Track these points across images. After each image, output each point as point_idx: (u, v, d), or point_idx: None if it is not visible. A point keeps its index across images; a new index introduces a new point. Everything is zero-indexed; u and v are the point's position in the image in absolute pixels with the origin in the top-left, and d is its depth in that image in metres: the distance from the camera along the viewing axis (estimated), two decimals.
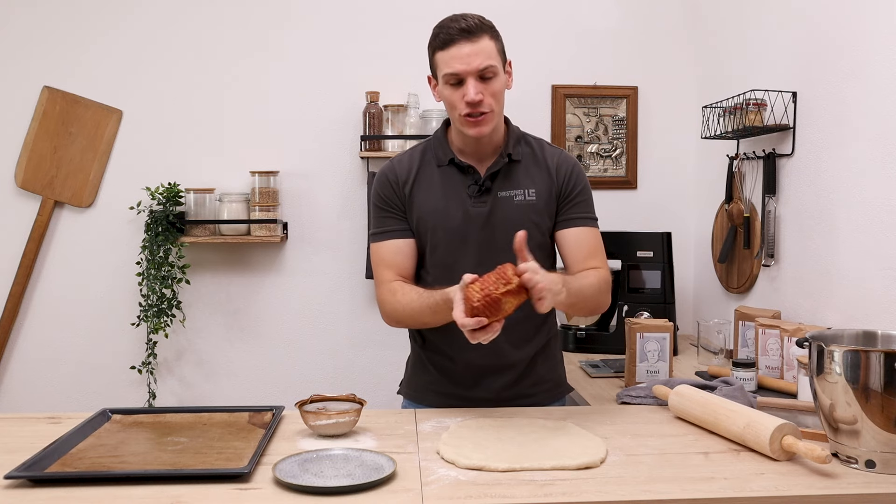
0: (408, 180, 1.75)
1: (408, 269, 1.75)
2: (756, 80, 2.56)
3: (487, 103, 1.65)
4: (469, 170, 1.74)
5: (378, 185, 1.78)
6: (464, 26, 1.62)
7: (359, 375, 3.10)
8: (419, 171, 1.75)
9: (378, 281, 1.75)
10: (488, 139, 1.72)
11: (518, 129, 1.81)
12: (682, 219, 3.18)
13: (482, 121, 1.66)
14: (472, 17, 1.64)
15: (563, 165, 1.77)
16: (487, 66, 1.63)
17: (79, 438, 1.46)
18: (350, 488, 1.22)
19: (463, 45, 1.62)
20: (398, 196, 1.75)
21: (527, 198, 1.73)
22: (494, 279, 1.43)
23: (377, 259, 1.76)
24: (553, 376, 1.86)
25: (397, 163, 1.79)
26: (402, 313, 1.69)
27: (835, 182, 2.18)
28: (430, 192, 1.74)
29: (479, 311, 1.42)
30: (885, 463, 1.31)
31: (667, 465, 1.35)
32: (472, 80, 1.63)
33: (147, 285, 2.91)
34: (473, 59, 1.62)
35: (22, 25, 2.97)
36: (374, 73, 3.06)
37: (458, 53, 1.62)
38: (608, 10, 3.14)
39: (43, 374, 3.02)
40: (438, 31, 1.66)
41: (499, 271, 1.45)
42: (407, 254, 1.75)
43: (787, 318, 2.38)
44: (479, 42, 1.62)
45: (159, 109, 3.03)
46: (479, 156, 1.75)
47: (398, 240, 1.74)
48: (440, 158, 1.76)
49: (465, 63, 1.62)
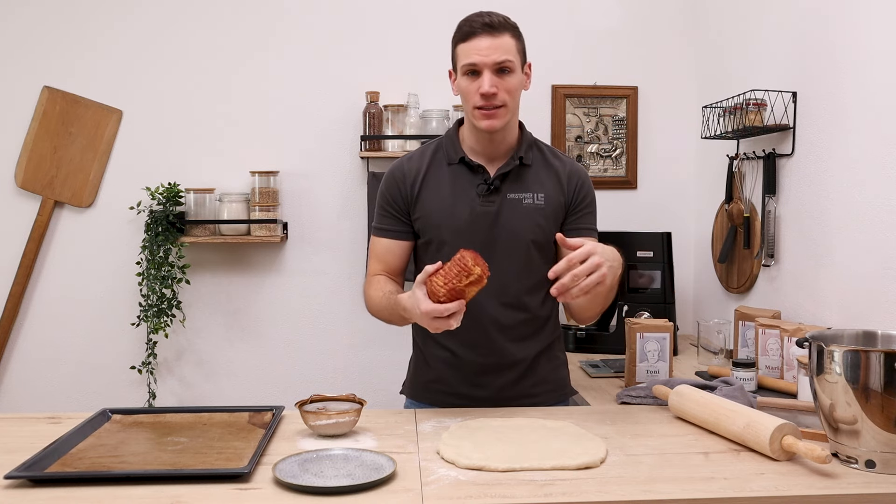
0: (416, 178, 1.77)
1: (396, 268, 1.81)
2: (756, 80, 2.56)
3: (501, 97, 1.67)
4: (479, 169, 1.75)
5: (385, 183, 1.81)
6: (487, 21, 1.65)
7: (359, 375, 3.10)
8: (428, 169, 1.78)
9: (367, 272, 1.85)
10: (501, 138, 1.74)
11: (531, 135, 1.83)
12: (682, 219, 3.18)
13: (495, 114, 1.68)
14: (497, 15, 1.68)
15: (575, 176, 1.80)
16: (505, 59, 1.65)
17: (79, 438, 1.46)
18: (350, 488, 1.22)
19: (484, 38, 1.65)
20: (402, 196, 1.78)
21: (535, 202, 1.75)
22: (457, 271, 1.45)
23: (371, 251, 1.84)
24: (556, 377, 1.86)
25: (407, 161, 1.81)
26: (371, 307, 1.77)
27: (835, 182, 2.18)
28: (438, 189, 1.76)
29: (443, 304, 1.46)
30: (885, 463, 1.31)
31: (667, 465, 1.35)
32: (487, 73, 1.66)
33: (147, 285, 2.91)
34: (492, 52, 1.64)
35: (22, 25, 2.97)
36: (374, 73, 3.06)
37: (478, 46, 1.65)
38: (608, 10, 3.14)
39: (43, 374, 3.02)
40: (462, 24, 1.69)
41: (459, 262, 1.46)
42: (397, 254, 1.80)
43: (787, 318, 2.38)
44: (500, 37, 1.65)
45: (159, 109, 3.03)
46: (491, 156, 1.77)
47: (393, 240, 1.80)
48: (450, 157, 1.77)
49: (483, 55, 1.65)
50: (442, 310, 1.46)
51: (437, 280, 1.47)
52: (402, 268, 1.82)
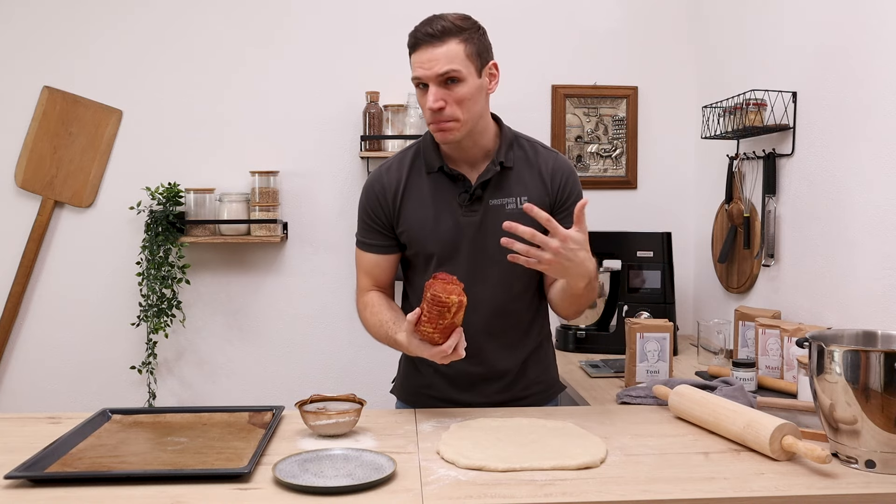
0: (397, 191, 1.72)
1: (385, 281, 1.80)
2: (756, 80, 2.56)
3: (450, 111, 1.59)
4: (459, 177, 1.70)
5: (365, 196, 1.76)
6: (429, 31, 1.58)
7: (359, 375, 3.10)
8: (408, 180, 1.72)
9: (357, 286, 1.83)
10: (471, 143, 1.68)
11: (511, 130, 1.76)
12: (682, 219, 3.18)
13: (447, 128, 1.61)
14: (444, 20, 1.59)
15: (558, 173, 1.73)
16: (448, 70, 1.57)
17: (79, 438, 1.46)
18: (350, 488, 1.22)
19: (426, 50, 1.58)
20: (384, 210, 1.73)
21: (518, 205, 1.68)
22: (437, 312, 1.45)
23: (358, 264, 1.82)
24: (545, 378, 1.85)
25: (385, 172, 1.75)
26: (368, 330, 1.76)
27: (835, 182, 2.18)
28: (420, 202, 1.71)
29: (444, 342, 1.48)
30: (885, 463, 1.31)
31: (667, 465, 1.35)
32: (432, 87, 1.59)
33: (147, 285, 2.91)
34: (434, 63, 1.57)
35: (22, 25, 2.97)
36: (374, 73, 3.06)
37: (421, 58, 1.59)
38: (608, 10, 3.14)
39: (43, 374, 3.02)
40: (410, 32, 1.63)
41: (434, 302, 1.44)
42: (384, 268, 1.79)
43: (787, 318, 2.38)
44: (442, 46, 1.57)
45: (159, 109, 3.03)
46: (469, 161, 1.71)
47: (378, 255, 1.77)
48: (430, 165, 1.72)
49: (426, 68, 1.58)
50: (445, 349, 1.48)
51: (425, 329, 1.48)
52: (391, 280, 1.81)
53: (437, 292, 1.44)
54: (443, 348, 1.48)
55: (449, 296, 1.44)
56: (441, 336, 1.48)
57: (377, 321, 1.70)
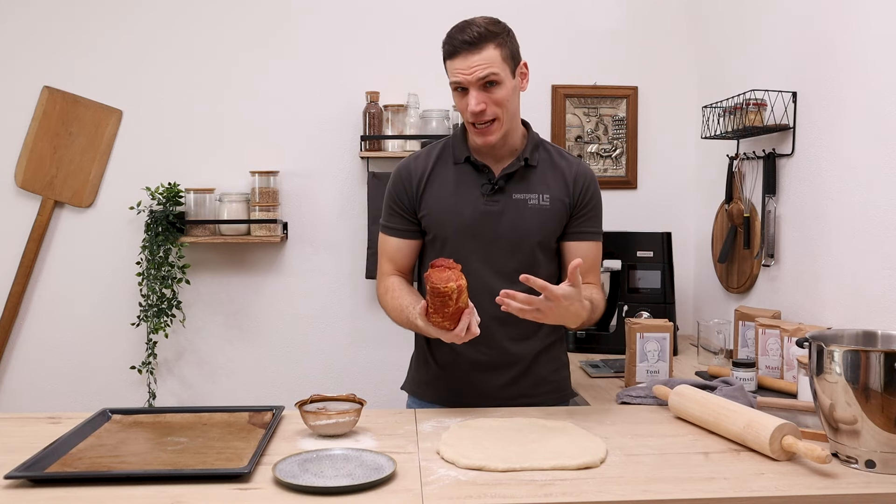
0: (422, 177, 1.79)
1: (407, 266, 1.85)
2: (756, 80, 2.56)
3: (491, 111, 1.69)
4: (484, 169, 1.77)
5: (392, 182, 1.84)
6: (466, 38, 1.64)
7: (359, 375, 3.10)
8: (434, 168, 1.80)
9: (379, 271, 1.87)
10: (502, 142, 1.76)
11: (538, 135, 1.85)
12: (682, 219, 3.18)
13: (487, 130, 1.71)
14: (477, 26, 1.66)
15: (581, 178, 1.81)
16: (488, 74, 1.65)
17: (79, 438, 1.46)
18: (350, 488, 1.22)
19: (465, 57, 1.65)
20: (408, 195, 1.80)
21: (541, 202, 1.76)
22: (440, 301, 1.50)
23: (381, 249, 1.86)
24: (556, 378, 1.87)
25: (413, 159, 1.84)
26: (389, 314, 1.80)
27: (835, 182, 2.18)
28: (443, 188, 1.78)
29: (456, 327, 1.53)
30: (885, 463, 1.31)
31: (667, 465, 1.35)
32: (473, 91, 1.67)
33: (147, 285, 2.91)
34: (475, 69, 1.65)
35: (22, 25, 2.97)
36: (374, 73, 3.06)
37: (461, 65, 1.66)
38: (608, 10, 3.14)
39: (43, 374, 3.02)
40: (445, 41, 1.69)
41: (435, 294, 1.49)
42: (406, 254, 1.83)
43: (787, 318, 2.38)
44: (481, 52, 1.64)
45: (159, 109, 3.03)
46: (496, 157, 1.79)
47: (401, 239, 1.83)
48: (456, 156, 1.80)
49: (466, 74, 1.66)
50: (459, 332, 1.53)
51: (435, 319, 1.53)
52: (412, 266, 1.87)
53: (435, 283, 1.48)
54: (458, 333, 1.53)
55: (447, 284, 1.47)
56: (451, 322, 1.52)
57: (398, 305, 1.73)
